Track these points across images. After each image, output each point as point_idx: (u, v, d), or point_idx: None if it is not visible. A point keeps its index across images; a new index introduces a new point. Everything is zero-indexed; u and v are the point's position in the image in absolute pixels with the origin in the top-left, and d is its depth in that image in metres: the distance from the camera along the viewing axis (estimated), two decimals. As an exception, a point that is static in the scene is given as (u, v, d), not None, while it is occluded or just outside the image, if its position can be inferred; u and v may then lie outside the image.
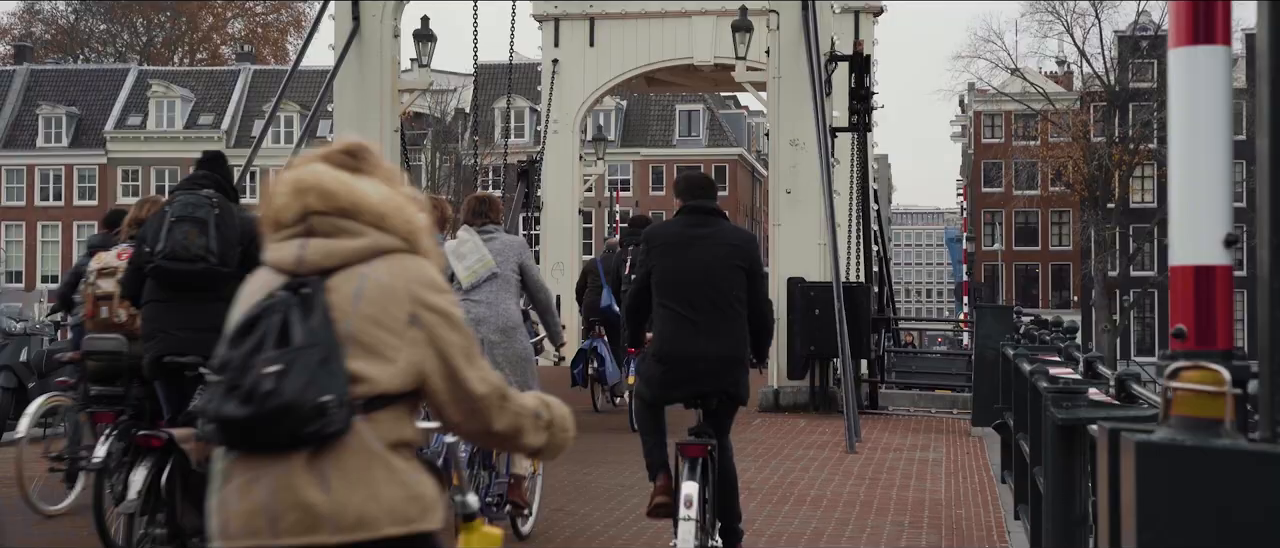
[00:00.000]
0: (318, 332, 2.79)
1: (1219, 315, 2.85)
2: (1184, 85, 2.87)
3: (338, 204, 2.92)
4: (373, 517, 2.76)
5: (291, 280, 2.88)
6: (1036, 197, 64.23)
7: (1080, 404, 4.80)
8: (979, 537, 8.65)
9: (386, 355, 2.84)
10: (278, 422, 2.71)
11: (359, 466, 2.77)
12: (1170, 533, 2.59)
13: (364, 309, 2.85)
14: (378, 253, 2.92)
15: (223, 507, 2.82)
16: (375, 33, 17.25)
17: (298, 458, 2.74)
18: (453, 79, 53.67)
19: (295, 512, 2.74)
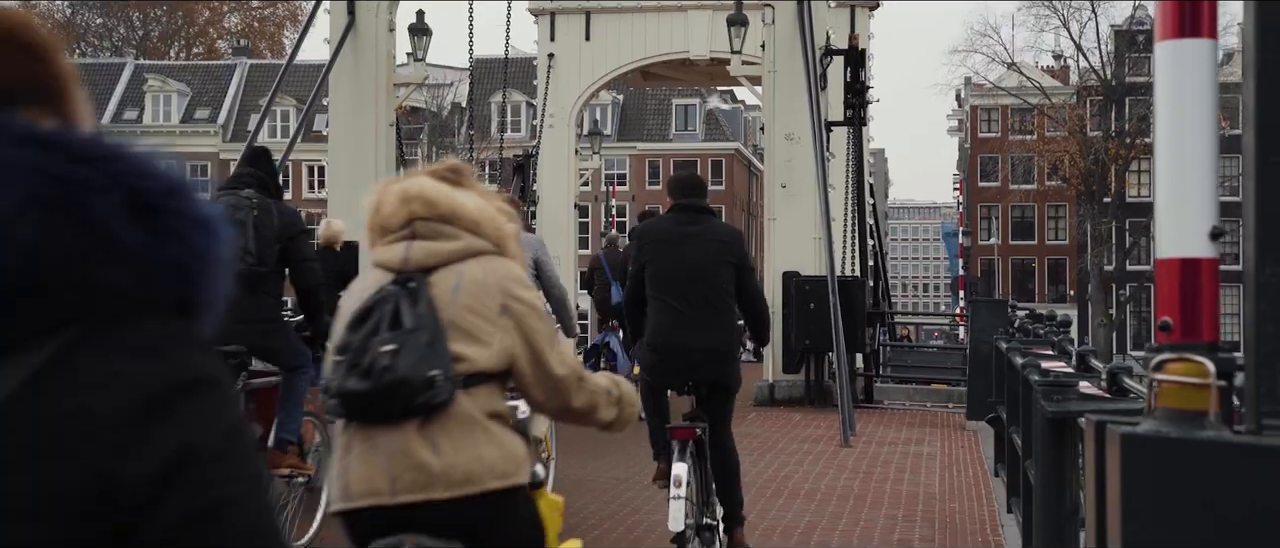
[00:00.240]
0: (424, 317, 3.24)
1: (1205, 308, 2.87)
2: (1170, 79, 2.89)
3: (439, 211, 3.39)
4: (478, 474, 3.20)
5: (398, 277, 3.34)
6: (1033, 191, 64.27)
7: (1070, 397, 4.82)
8: (972, 531, 8.68)
9: (482, 340, 3.31)
10: (393, 394, 3.15)
11: (463, 431, 3.22)
12: (1155, 524, 2.61)
13: (462, 300, 3.32)
14: (472, 254, 3.39)
15: (344, 472, 3.25)
16: (370, 27, 17.25)
17: (410, 427, 3.18)
18: (449, 73, 53.62)
19: (412, 473, 3.17)
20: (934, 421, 15.53)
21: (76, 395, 1.13)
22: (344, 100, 17.32)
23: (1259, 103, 2.78)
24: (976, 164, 66.32)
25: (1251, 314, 2.79)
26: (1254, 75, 2.80)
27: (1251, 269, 2.79)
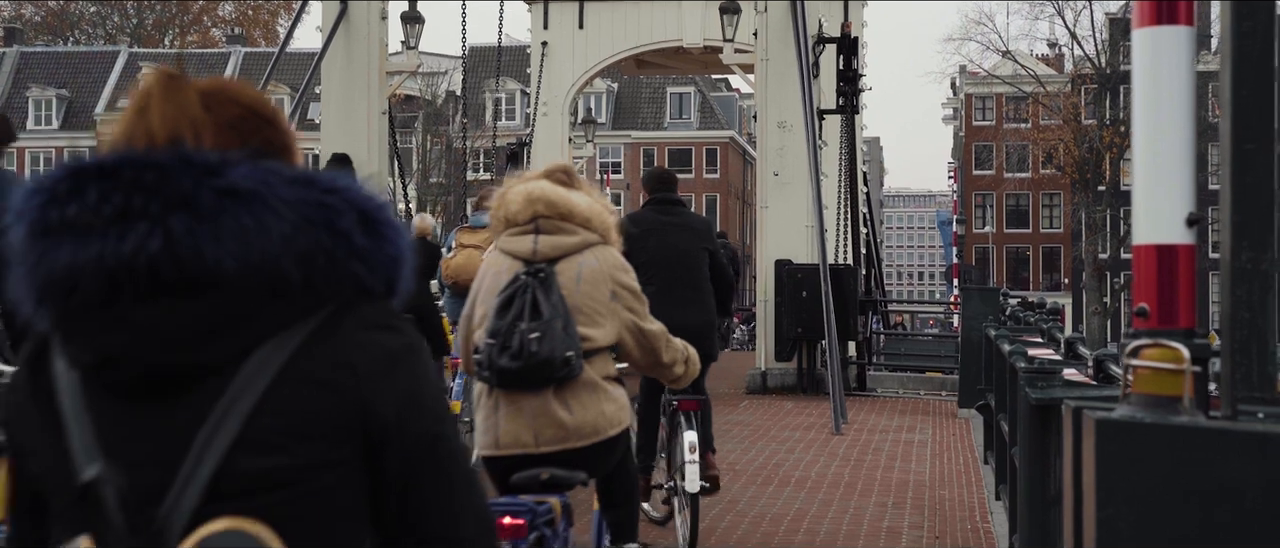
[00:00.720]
0: (557, 306, 4.11)
1: (1181, 294, 2.87)
2: (1147, 66, 2.89)
3: (558, 210, 4.24)
4: (600, 426, 4.18)
5: (528, 267, 4.18)
6: (1027, 179, 64.30)
7: (1055, 384, 4.83)
8: (961, 517, 8.70)
9: (600, 322, 4.24)
10: (538, 371, 4.06)
11: (588, 393, 4.16)
12: (1129, 509, 2.62)
13: (583, 288, 4.21)
14: (587, 246, 4.25)
15: (493, 427, 4.15)
16: (362, 15, 17.23)
17: (548, 392, 4.11)
18: (443, 62, 53.58)
19: (552, 429, 4.11)
20: (926, 408, 15.56)
21: (343, 352, 1.61)
22: (336, 89, 17.30)
23: (1234, 90, 2.79)
24: (971, 152, 66.34)
25: (1227, 300, 2.80)
26: (1230, 62, 2.81)
27: (1227, 256, 2.80)
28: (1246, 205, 2.78)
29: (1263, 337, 2.78)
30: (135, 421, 1.58)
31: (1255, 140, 2.78)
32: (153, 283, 1.55)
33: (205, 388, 1.57)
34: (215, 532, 1.52)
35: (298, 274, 1.59)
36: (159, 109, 1.66)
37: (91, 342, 1.57)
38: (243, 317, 1.58)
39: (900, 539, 8.01)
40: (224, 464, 1.55)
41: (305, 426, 1.58)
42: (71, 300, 1.57)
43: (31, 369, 1.65)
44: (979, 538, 8.11)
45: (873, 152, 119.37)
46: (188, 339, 1.56)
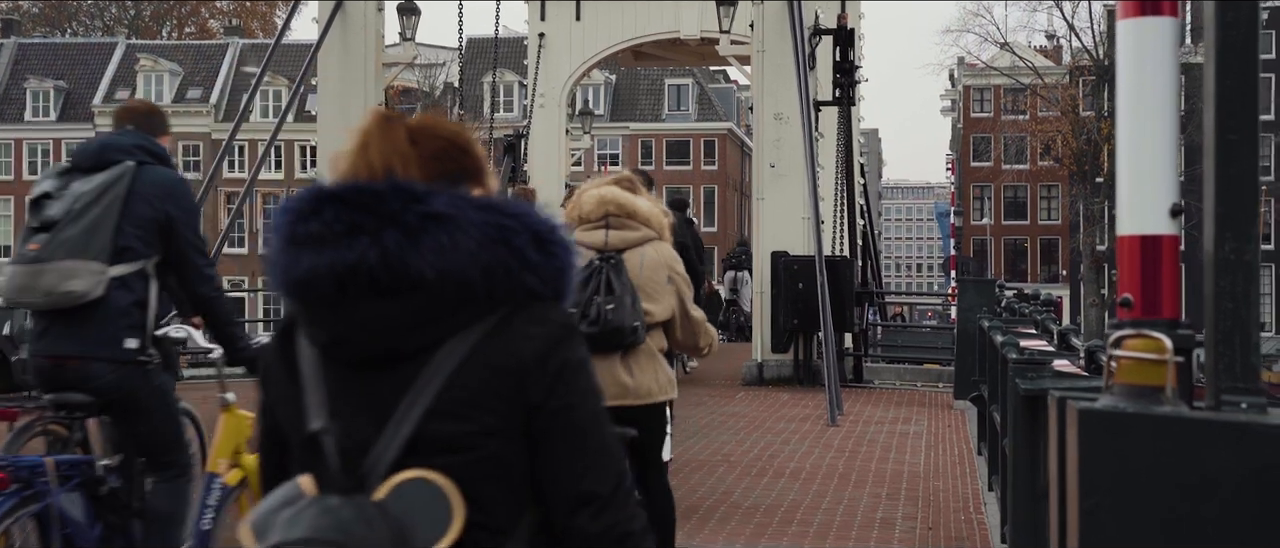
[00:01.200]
0: (626, 285, 5.05)
1: (1165, 285, 2.88)
2: (1131, 56, 2.90)
3: (625, 210, 5.25)
4: (654, 391, 5.14)
5: (600, 255, 5.12)
6: (1025, 171, 64.27)
7: (1044, 375, 4.84)
8: (954, 509, 8.71)
9: (658, 300, 5.17)
10: (611, 336, 4.98)
11: (647, 361, 5.12)
12: (1112, 500, 2.62)
13: (645, 273, 5.15)
14: (647, 240, 5.23)
15: None
16: (359, 7, 17.20)
17: (614, 357, 5.02)
18: (441, 53, 53.53)
19: (614, 387, 4.96)
20: (922, 400, 15.56)
21: (514, 344, 2.02)
22: (332, 80, 17.28)
23: (1218, 79, 2.79)
24: (969, 144, 66.31)
25: (1210, 291, 2.80)
26: (1213, 52, 2.81)
27: (1211, 246, 2.81)
28: (1230, 196, 2.78)
29: (1246, 328, 2.79)
30: (355, 387, 2.03)
31: (1238, 131, 2.78)
32: (371, 285, 1.98)
33: (408, 367, 2.00)
34: (407, 479, 1.95)
35: (482, 283, 2.00)
36: (376, 146, 2.09)
37: (325, 327, 2.03)
38: (437, 315, 2.00)
39: (893, 531, 8.02)
40: (419, 428, 1.98)
41: (481, 401, 2.00)
42: (310, 296, 2.01)
43: (282, 341, 2.13)
44: (971, 529, 8.12)
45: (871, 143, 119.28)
46: (395, 331, 2.00)
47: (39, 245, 4.61)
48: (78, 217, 4.63)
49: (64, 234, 4.61)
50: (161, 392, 4.86)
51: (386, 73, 18.20)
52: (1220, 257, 2.79)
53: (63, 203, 4.68)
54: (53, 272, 4.57)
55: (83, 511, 4.62)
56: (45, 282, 4.59)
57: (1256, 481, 2.61)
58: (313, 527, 1.90)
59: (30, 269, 4.61)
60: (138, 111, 5.19)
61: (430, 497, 1.94)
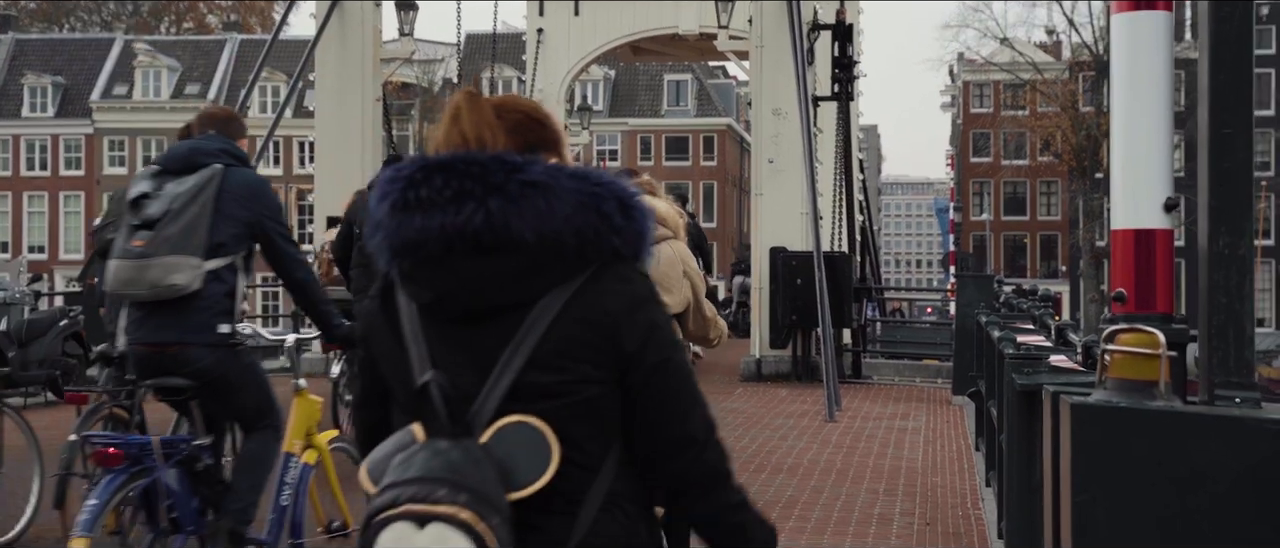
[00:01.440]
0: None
1: (1159, 279, 2.88)
2: (1125, 51, 2.90)
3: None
4: None
5: None
6: (1025, 166, 64.23)
7: (1041, 370, 4.83)
8: (952, 504, 8.70)
9: (672, 292, 5.29)
10: None
11: None
12: (1105, 493, 2.62)
13: (661, 267, 5.27)
14: (664, 238, 5.37)
15: None
16: (356, 3, 17.19)
17: None
18: (440, 49, 53.51)
19: None
20: (921, 396, 15.56)
21: (603, 299, 2.22)
22: (330, 76, 17.27)
23: (1212, 74, 2.79)
24: (969, 140, 66.28)
25: (1204, 285, 2.80)
26: (1208, 47, 2.81)
27: (1205, 240, 2.80)
28: (1224, 191, 2.78)
29: (1240, 322, 2.79)
30: (457, 342, 2.23)
31: (1232, 125, 2.78)
32: (475, 245, 2.18)
33: (507, 320, 2.20)
34: (509, 423, 2.16)
35: (574, 244, 2.20)
36: (467, 118, 2.31)
37: (430, 285, 2.23)
38: (535, 272, 2.20)
39: (891, 526, 8.01)
40: (519, 377, 2.18)
41: (575, 352, 2.19)
42: (418, 255, 2.21)
43: (382, 301, 2.33)
44: (969, 525, 8.11)
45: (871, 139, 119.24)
46: (496, 287, 2.20)
47: (143, 242, 5.03)
48: (177, 216, 5.06)
49: (166, 232, 5.03)
50: (251, 367, 5.32)
51: (384, 68, 18.18)
52: (1214, 251, 2.79)
53: (161, 203, 5.09)
54: (157, 266, 5.00)
55: (182, 486, 5.03)
56: (150, 275, 5.01)
57: (1251, 475, 2.61)
58: (425, 468, 2.10)
59: (136, 264, 5.02)
60: (218, 117, 5.59)
61: (530, 439, 2.15)
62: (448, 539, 2.05)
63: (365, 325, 2.39)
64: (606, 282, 2.23)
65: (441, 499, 2.06)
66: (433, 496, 2.07)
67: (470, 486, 2.08)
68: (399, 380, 2.28)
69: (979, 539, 7.73)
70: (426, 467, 2.10)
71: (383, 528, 2.09)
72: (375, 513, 2.10)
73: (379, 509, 2.10)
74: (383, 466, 2.16)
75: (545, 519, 2.18)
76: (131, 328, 5.18)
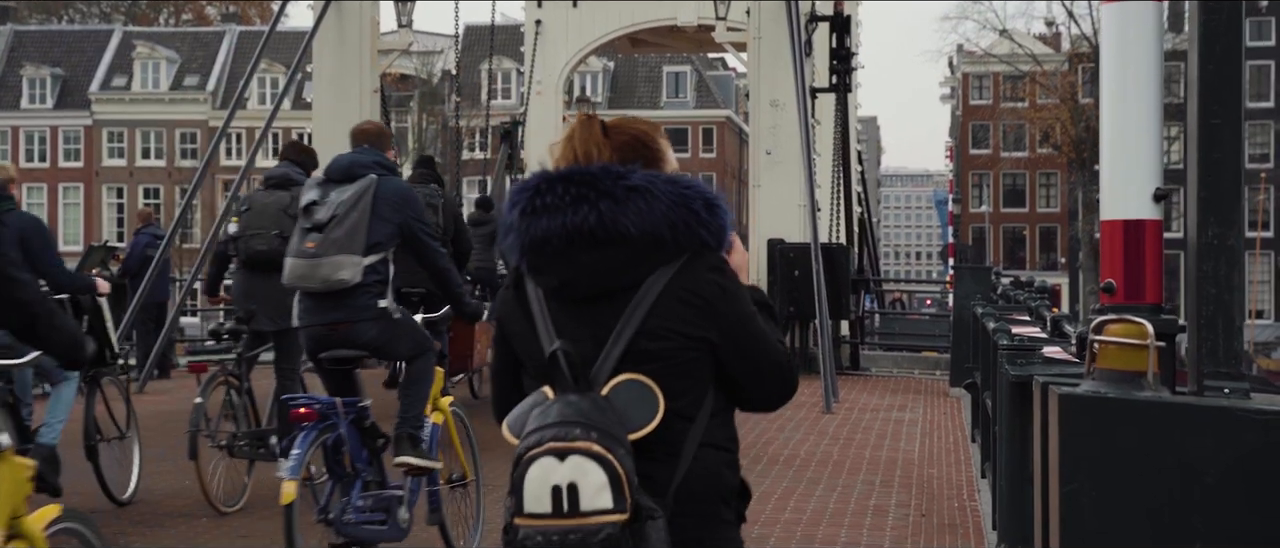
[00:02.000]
0: None
1: (1148, 270, 2.88)
2: (1114, 41, 2.89)
3: None
4: None
5: None
6: (1024, 158, 64.21)
7: (1034, 361, 4.83)
8: (948, 495, 8.71)
9: None
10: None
11: None
12: (1092, 484, 2.62)
13: None
14: None
15: None
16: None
17: None
18: (439, 40, 53.45)
19: None
20: (918, 387, 15.57)
21: (696, 281, 2.68)
22: (327, 67, 17.26)
23: (1201, 64, 2.78)
24: (968, 131, 66.24)
25: (1193, 276, 2.80)
26: (1197, 37, 2.80)
27: (1194, 231, 2.80)
28: (1213, 181, 2.77)
29: (1229, 312, 2.78)
30: (578, 317, 2.72)
31: (1222, 116, 2.77)
32: (591, 240, 2.66)
33: (619, 299, 2.69)
34: (623, 380, 2.63)
35: (670, 236, 2.66)
36: (578, 137, 2.79)
37: (555, 273, 2.72)
38: (639, 259, 2.68)
39: (887, 518, 8.02)
40: (630, 345, 2.67)
41: (674, 323, 2.67)
42: (545, 250, 2.70)
43: (515, 289, 2.82)
44: (965, 516, 8.12)
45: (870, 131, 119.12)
46: (609, 272, 2.69)
47: (315, 243, 6.00)
48: (341, 220, 6.01)
49: (333, 234, 6.00)
50: (402, 323, 6.27)
51: (382, 60, 18.17)
52: (1203, 241, 2.79)
53: (327, 209, 6.05)
54: (327, 264, 5.99)
55: (354, 438, 5.93)
56: (322, 272, 5.99)
57: (1239, 466, 2.61)
58: (561, 415, 2.56)
59: (310, 262, 6.01)
60: (370, 132, 6.57)
61: (641, 393, 2.62)
62: (584, 468, 2.51)
63: (501, 309, 2.91)
64: (698, 267, 2.70)
65: (577, 437, 2.53)
66: (569, 435, 2.53)
67: (599, 426, 2.55)
68: (529, 352, 2.78)
69: (974, 531, 7.73)
70: (562, 414, 2.57)
71: (531, 464, 2.54)
72: (523, 453, 2.56)
73: (526, 449, 2.56)
74: (522, 420, 2.63)
75: (653, 467, 2.62)
76: (304, 314, 6.17)
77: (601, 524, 2.51)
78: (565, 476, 2.51)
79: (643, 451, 2.58)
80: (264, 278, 7.86)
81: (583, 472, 2.51)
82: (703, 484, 2.69)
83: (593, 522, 2.52)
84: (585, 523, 2.51)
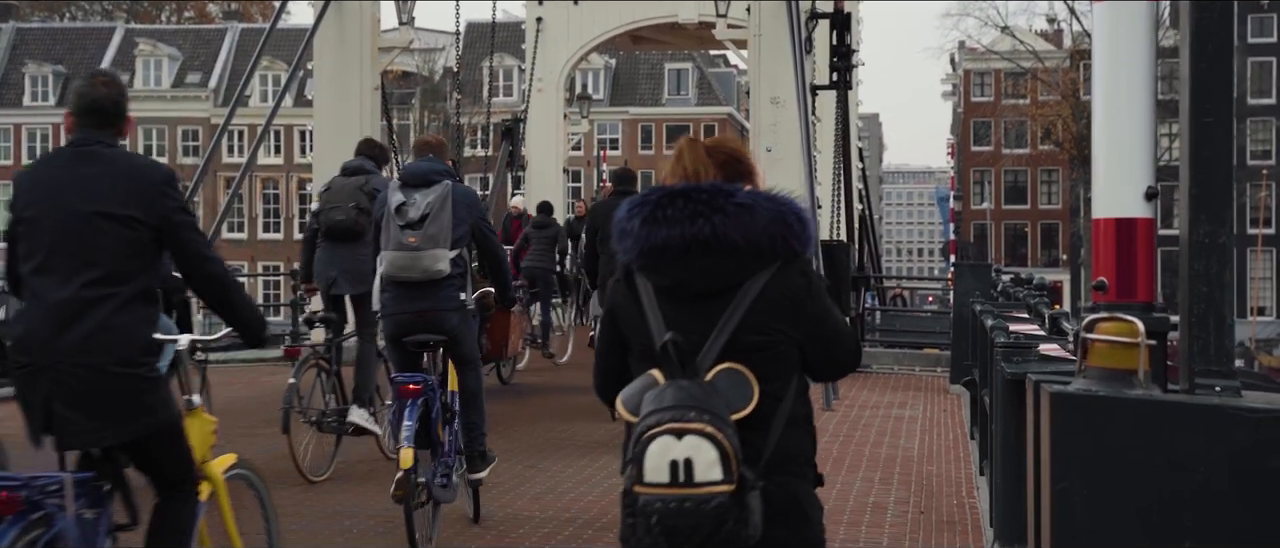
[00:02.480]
0: None
1: (1140, 268, 2.88)
2: (1106, 40, 2.90)
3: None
4: None
5: None
6: (1026, 155, 64.19)
7: (1030, 359, 4.83)
8: (947, 493, 8.70)
9: None
10: None
11: None
12: (1083, 482, 2.62)
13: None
14: None
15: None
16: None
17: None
18: (441, 38, 53.43)
19: None
20: (919, 385, 15.55)
21: (788, 284, 3.11)
22: (328, 64, 17.26)
23: (1193, 62, 2.79)
24: (969, 128, 66.22)
25: (1185, 274, 2.80)
26: (1189, 35, 2.80)
27: (1185, 229, 2.80)
28: (1204, 178, 2.78)
29: (1220, 310, 2.78)
30: (687, 312, 3.14)
31: (1213, 113, 2.78)
32: (704, 248, 3.10)
33: (722, 299, 3.12)
34: (725, 368, 3.06)
35: (768, 245, 3.09)
36: (687, 158, 3.27)
37: (670, 274, 3.16)
38: (743, 265, 3.11)
39: (885, 515, 8.01)
40: (731, 338, 3.09)
41: (768, 320, 3.11)
42: (664, 255, 3.13)
43: (625, 283, 3.26)
44: (963, 513, 8.11)
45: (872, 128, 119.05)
46: (717, 275, 3.12)
47: (415, 238, 6.82)
48: (434, 219, 6.85)
49: (429, 231, 6.83)
50: (473, 324, 7.25)
51: (382, 57, 18.17)
52: (1195, 239, 2.79)
53: (418, 209, 6.87)
54: (427, 257, 6.84)
55: (437, 411, 6.80)
56: (423, 263, 6.84)
57: (1229, 463, 2.61)
58: (676, 399, 2.98)
59: (411, 255, 6.85)
60: (433, 144, 7.39)
61: (739, 380, 3.05)
62: (699, 446, 2.93)
63: (613, 298, 3.35)
64: (790, 272, 3.15)
65: (692, 419, 2.95)
66: (685, 417, 2.95)
67: (709, 409, 2.97)
68: (638, 338, 3.23)
69: (972, 528, 7.73)
70: (676, 398, 2.98)
71: (651, 441, 2.95)
72: (644, 431, 2.98)
73: (646, 428, 2.98)
74: (636, 399, 3.07)
75: (749, 440, 3.03)
76: (392, 302, 6.97)
77: (712, 494, 2.93)
78: (682, 452, 2.93)
79: (740, 426, 3.00)
80: (344, 247, 9.11)
81: (697, 449, 2.94)
82: (789, 453, 3.20)
83: (705, 492, 2.93)
84: (698, 493, 2.93)
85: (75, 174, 4.14)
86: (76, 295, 3.98)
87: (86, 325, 3.95)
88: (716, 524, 2.94)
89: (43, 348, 3.95)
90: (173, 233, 4.20)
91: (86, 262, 4.04)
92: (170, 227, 4.19)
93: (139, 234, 4.11)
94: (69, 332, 3.95)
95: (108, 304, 4.00)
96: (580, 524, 7.64)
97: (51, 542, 3.99)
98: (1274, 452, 2.58)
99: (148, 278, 4.16)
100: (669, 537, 2.95)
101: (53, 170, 4.25)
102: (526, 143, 23.95)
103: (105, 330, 3.96)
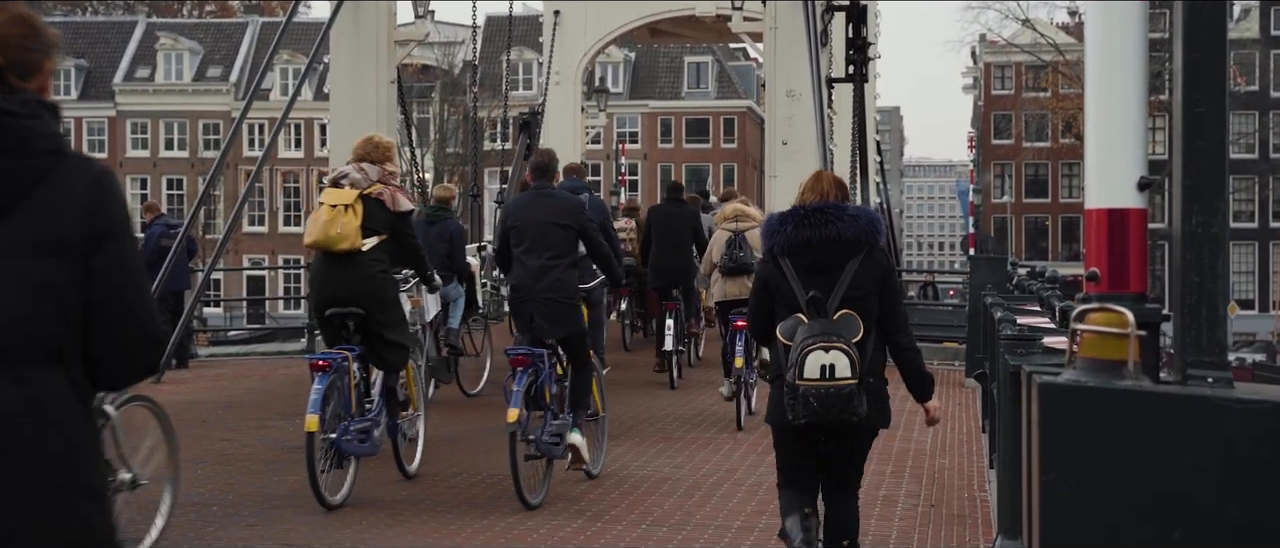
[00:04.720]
0: (747, 247, 11.45)
1: (1132, 258, 2.87)
2: (1099, 33, 2.88)
3: (744, 215, 11.89)
4: None
5: (734, 234, 11.62)
6: (1046, 148, 63.93)
7: (1033, 351, 4.82)
8: (959, 486, 8.70)
9: (756, 254, 10.85)
10: (742, 268, 11.52)
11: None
12: (1070, 473, 2.62)
13: (750, 240, 11.31)
14: (753, 228, 11.26)
15: (721, 290, 11.87)
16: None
17: (743, 277, 11.46)
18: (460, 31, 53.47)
19: (740, 290, 11.07)
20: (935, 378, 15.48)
21: (873, 263, 5.41)
22: (344, 58, 17.30)
23: (1186, 52, 2.78)
24: (990, 121, 66.00)
25: (1177, 265, 2.79)
26: (1182, 27, 2.80)
27: (1177, 220, 2.79)
28: (1197, 169, 2.77)
29: (1212, 301, 2.78)
30: (815, 280, 5.23)
31: (1206, 104, 2.77)
32: (828, 241, 5.24)
33: (836, 271, 5.24)
34: (843, 312, 5.19)
35: (863, 239, 5.25)
36: (824, 183, 5.46)
37: (808, 258, 5.29)
38: (848, 252, 5.25)
39: (896, 508, 8.01)
40: (844, 294, 5.20)
41: (864, 284, 5.23)
42: (807, 247, 5.28)
43: (773, 262, 5.40)
44: (974, 506, 8.11)
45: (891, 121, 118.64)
46: (835, 257, 5.26)
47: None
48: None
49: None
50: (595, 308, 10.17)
51: (399, 51, 18.19)
52: (1187, 230, 2.78)
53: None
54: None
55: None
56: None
57: (1218, 455, 2.60)
58: (822, 329, 5.06)
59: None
60: (571, 169, 10.83)
61: (852, 320, 5.12)
62: (838, 357, 5.02)
63: (763, 272, 5.47)
64: (876, 255, 5.25)
65: (834, 341, 5.03)
66: (829, 339, 5.04)
67: (841, 336, 5.06)
68: (783, 297, 5.29)
69: (982, 522, 7.72)
70: (822, 328, 5.07)
71: (809, 354, 5.04)
72: (803, 348, 5.06)
73: (804, 345, 5.06)
74: (792, 330, 5.16)
75: (857, 356, 5.07)
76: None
77: (845, 385, 5.04)
78: (829, 360, 5.02)
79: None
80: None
81: (837, 359, 5.02)
82: (875, 366, 5.27)
83: (841, 383, 5.04)
84: (837, 383, 5.03)
85: None
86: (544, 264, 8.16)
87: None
88: (847, 401, 5.03)
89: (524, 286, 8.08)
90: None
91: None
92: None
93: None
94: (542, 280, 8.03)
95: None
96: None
97: (539, 382, 7.82)
98: (1265, 444, 2.57)
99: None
100: (822, 408, 5.01)
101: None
102: (544, 136, 23.94)
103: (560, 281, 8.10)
